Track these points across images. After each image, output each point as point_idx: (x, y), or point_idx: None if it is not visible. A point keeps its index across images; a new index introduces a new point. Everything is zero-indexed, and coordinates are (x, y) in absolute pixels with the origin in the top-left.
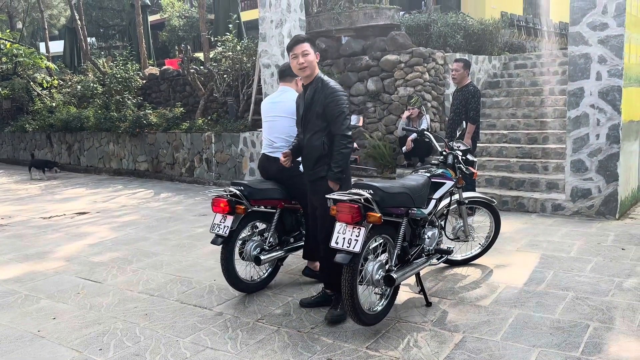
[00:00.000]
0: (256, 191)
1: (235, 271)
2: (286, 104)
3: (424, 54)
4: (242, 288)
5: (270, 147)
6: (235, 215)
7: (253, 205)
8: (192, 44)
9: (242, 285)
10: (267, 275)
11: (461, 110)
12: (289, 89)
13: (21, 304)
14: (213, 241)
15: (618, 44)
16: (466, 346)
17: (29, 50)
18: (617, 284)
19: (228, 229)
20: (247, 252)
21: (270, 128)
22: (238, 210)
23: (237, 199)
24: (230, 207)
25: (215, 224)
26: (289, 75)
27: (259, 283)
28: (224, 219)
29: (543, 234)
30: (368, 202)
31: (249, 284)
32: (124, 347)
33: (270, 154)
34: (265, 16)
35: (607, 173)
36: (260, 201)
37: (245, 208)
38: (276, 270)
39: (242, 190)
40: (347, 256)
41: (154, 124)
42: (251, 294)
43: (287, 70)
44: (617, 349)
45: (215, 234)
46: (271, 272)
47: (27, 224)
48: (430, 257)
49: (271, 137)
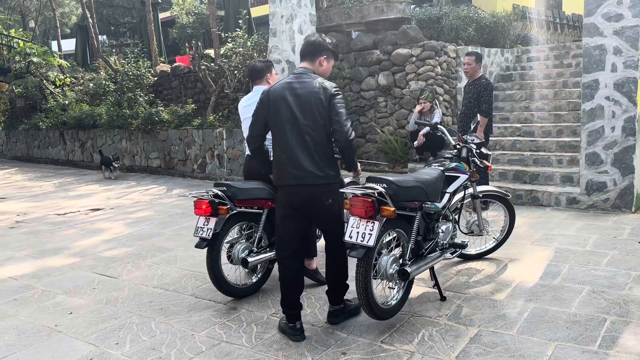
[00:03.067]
0: (240, 191)
1: (222, 275)
2: None
3: (435, 48)
4: (231, 293)
5: None
6: (219, 217)
7: (238, 206)
8: (202, 41)
9: (231, 290)
10: (258, 279)
11: (473, 103)
12: (263, 87)
13: (38, 299)
14: (197, 245)
15: (634, 35)
16: (481, 340)
17: (41, 49)
18: (634, 278)
19: (211, 232)
20: (235, 255)
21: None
22: (221, 211)
23: (221, 200)
24: (213, 209)
25: (198, 227)
26: (258, 79)
27: (250, 287)
28: (207, 221)
29: (558, 227)
30: (382, 196)
31: (239, 289)
32: (140, 342)
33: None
34: (276, 11)
35: (622, 166)
36: (245, 202)
37: (228, 209)
38: (268, 273)
39: (225, 191)
40: (362, 250)
41: (165, 120)
42: (243, 297)
43: (256, 72)
44: (634, 342)
45: (199, 238)
46: (262, 276)
47: (42, 221)
48: (445, 251)
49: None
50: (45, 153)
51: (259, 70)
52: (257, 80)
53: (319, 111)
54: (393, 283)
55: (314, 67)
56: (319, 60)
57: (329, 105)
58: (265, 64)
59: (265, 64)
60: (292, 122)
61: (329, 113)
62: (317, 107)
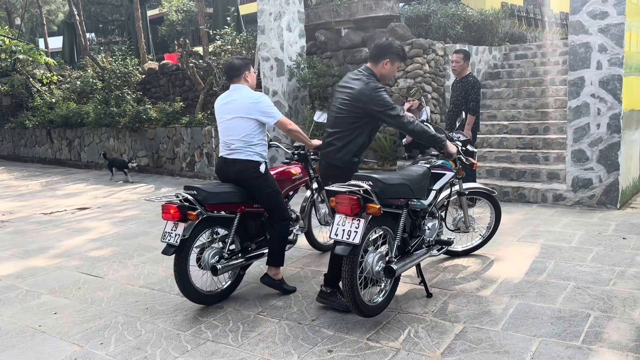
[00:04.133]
0: (211, 195)
1: (190, 282)
2: (240, 103)
3: (423, 45)
4: (199, 300)
5: (227, 150)
6: (188, 222)
7: (209, 211)
8: (191, 38)
9: (199, 297)
10: (228, 285)
11: (461, 101)
12: (241, 86)
13: (22, 299)
14: (164, 251)
15: (618, 33)
16: (467, 336)
17: (27, 46)
18: (618, 273)
19: (179, 238)
20: (204, 261)
21: (226, 129)
22: (190, 217)
23: (190, 205)
24: (182, 214)
25: (166, 232)
26: (235, 76)
27: (219, 294)
28: (175, 226)
29: (544, 224)
30: (367, 194)
31: (208, 296)
32: (125, 341)
33: (228, 157)
34: (264, 9)
35: (608, 163)
36: (217, 206)
37: (198, 214)
38: (239, 280)
39: (195, 195)
40: (347, 247)
41: (153, 118)
42: (212, 305)
43: (230, 70)
44: (617, 337)
45: (167, 244)
46: (232, 283)
47: (28, 220)
48: (431, 248)
49: (228, 139)
50: (32, 152)
51: (236, 67)
52: (234, 78)
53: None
54: (379, 280)
55: (377, 70)
56: (382, 63)
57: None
58: (244, 62)
59: (243, 61)
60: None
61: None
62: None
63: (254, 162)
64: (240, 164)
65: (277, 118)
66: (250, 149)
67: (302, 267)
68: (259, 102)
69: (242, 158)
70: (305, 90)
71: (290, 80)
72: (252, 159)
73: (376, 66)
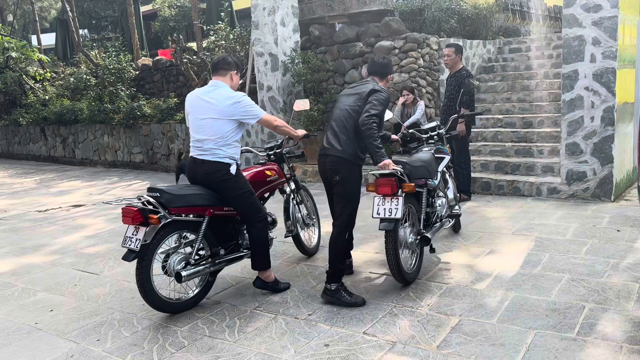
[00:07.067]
0: (175, 198)
1: (153, 290)
2: (218, 105)
3: (418, 40)
4: (164, 308)
5: (198, 150)
6: (150, 226)
7: (173, 214)
8: (184, 34)
9: (163, 306)
10: (195, 294)
11: (455, 95)
12: (223, 84)
13: (18, 297)
14: (125, 257)
15: (612, 26)
16: (462, 329)
17: (20, 43)
18: (612, 265)
19: (140, 243)
20: (169, 267)
21: (198, 127)
22: (151, 220)
23: (153, 208)
24: (143, 217)
25: (126, 237)
26: (222, 69)
27: (185, 302)
28: (136, 231)
29: (539, 217)
30: (402, 175)
31: (173, 304)
32: (121, 337)
33: (198, 157)
34: (258, 3)
35: (602, 155)
36: (182, 209)
37: (160, 218)
38: (208, 287)
39: (157, 197)
40: (390, 223)
41: (148, 115)
42: (178, 314)
43: (221, 62)
44: (612, 329)
45: (127, 249)
46: (202, 290)
47: (23, 218)
48: (444, 221)
49: (199, 138)
50: (26, 149)
51: (228, 62)
52: (221, 71)
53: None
54: (410, 249)
55: (383, 83)
56: (386, 79)
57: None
58: (237, 61)
59: (236, 60)
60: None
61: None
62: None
63: (224, 164)
64: (209, 165)
65: (260, 116)
66: (221, 150)
67: (297, 262)
68: (241, 102)
69: (211, 160)
70: (299, 85)
71: (284, 76)
72: (223, 161)
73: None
